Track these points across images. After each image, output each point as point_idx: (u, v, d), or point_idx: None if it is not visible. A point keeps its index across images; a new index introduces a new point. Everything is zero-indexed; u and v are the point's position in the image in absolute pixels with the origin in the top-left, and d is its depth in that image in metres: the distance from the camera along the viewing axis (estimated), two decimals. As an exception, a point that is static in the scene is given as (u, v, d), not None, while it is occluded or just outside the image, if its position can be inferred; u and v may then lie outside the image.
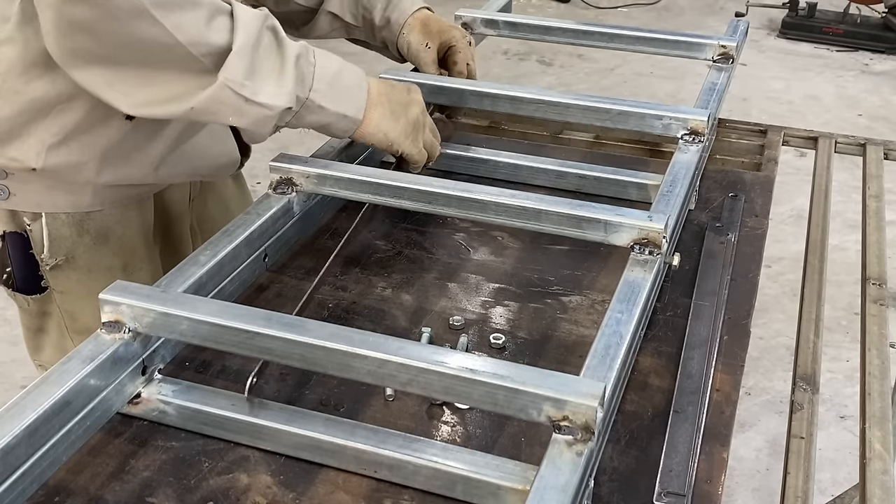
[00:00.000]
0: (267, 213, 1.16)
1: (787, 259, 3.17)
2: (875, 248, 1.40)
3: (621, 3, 6.01)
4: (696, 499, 0.90)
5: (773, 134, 1.68)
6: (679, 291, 1.20)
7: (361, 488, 0.90)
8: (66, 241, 1.27)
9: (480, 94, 1.42)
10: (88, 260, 1.29)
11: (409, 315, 1.16)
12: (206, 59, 1.04)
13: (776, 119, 3.68)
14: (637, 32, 1.65)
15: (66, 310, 1.33)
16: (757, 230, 1.36)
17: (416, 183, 1.18)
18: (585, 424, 0.82)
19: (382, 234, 1.33)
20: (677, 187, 1.21)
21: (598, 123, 1.40)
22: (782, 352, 2.83)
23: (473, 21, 1.73)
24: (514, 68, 4.99)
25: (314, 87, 1.13)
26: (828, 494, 2.25)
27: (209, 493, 0.89)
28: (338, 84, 1.16)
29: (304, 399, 1.01)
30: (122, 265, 1.32)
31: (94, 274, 1.30)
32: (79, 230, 1.27)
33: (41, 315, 1.35)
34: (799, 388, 1.14)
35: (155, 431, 0.96)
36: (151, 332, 0.95)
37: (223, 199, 1.53)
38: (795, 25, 5.37)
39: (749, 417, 2.61)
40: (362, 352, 0.87)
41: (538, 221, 1.13)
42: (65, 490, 0.89)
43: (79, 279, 1.30)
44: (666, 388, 1.04)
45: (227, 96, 1.05)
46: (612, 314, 0.99)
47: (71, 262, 1.28)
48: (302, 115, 1.14)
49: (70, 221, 1.26)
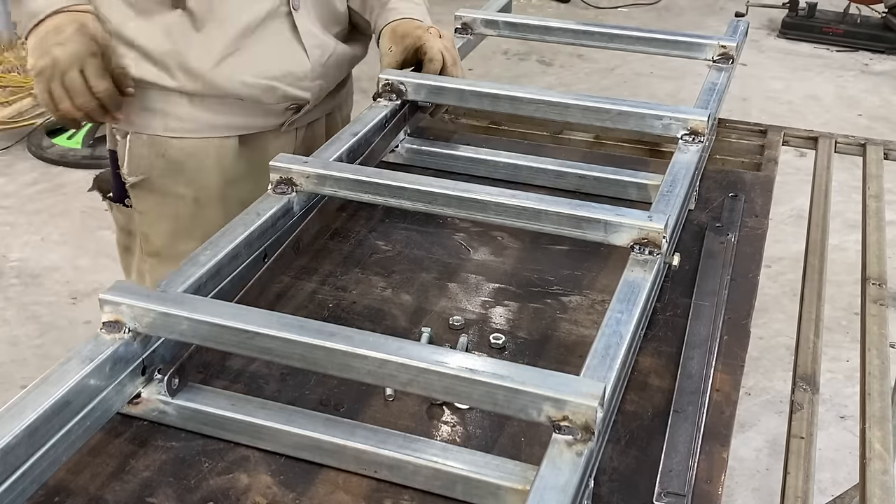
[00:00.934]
0: (267, 213, 1.16)
1: (787, 259, 3.17)
2: (875, 248, 1.40)
3: (621, 3, 6.01)
4: (696, 499, 0.90)
5: (773, 134, 1.68)
6: (679, 291, 1.20)
7: (361, 488, 0.90)
8: (144, 161, 1.43)
9: (480, 94, 1.42)
10: (162, 184, 1.44)
11: (409, 315, 1.16)
12: None
13: (776, 119, 3.67)
14: (637, 32, 1.65)
15: (143, 231, 1.49)
16: (757, 230, 1.36)
17: (416, 183, 1.18)
18: (585, 424, 0.82)
19: (382, 234, 1.33)
20: (677, 187, 1.21)
21: (598, 123, 1.40)
22: (782, 352, 2.83)
23: (473, 21, 1.73)
24: (514, 68, 4.99)
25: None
26: (828, 494, 2.25)
27: (209, 493, 0.89)
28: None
29: (304, 399, 1.01)
30: (194, 197, 1.46)
31: (168, 199, 1.45)
32: (155, 152, 1.42)
33: (128, 233, 1.54)
34: (799, 388, 1.14)
35: (155, 431, 0.96)
36: (151, 332, 0.95)
37: None
38: (795, 25, 5.37)
39: (749, 417, 2.60)
40: (362, 352, 0.87)
41: (538, 221, 1.13)
42: (65, 490, 0.89)
43: (155, 201, 1.46)
44: (666, 388, 1.04)
45: None
46: (612, 314, 0.99)
47: (147, 183, 1.44)
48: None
49: (149, 142, 1.42)
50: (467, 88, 1.42)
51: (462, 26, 1.74)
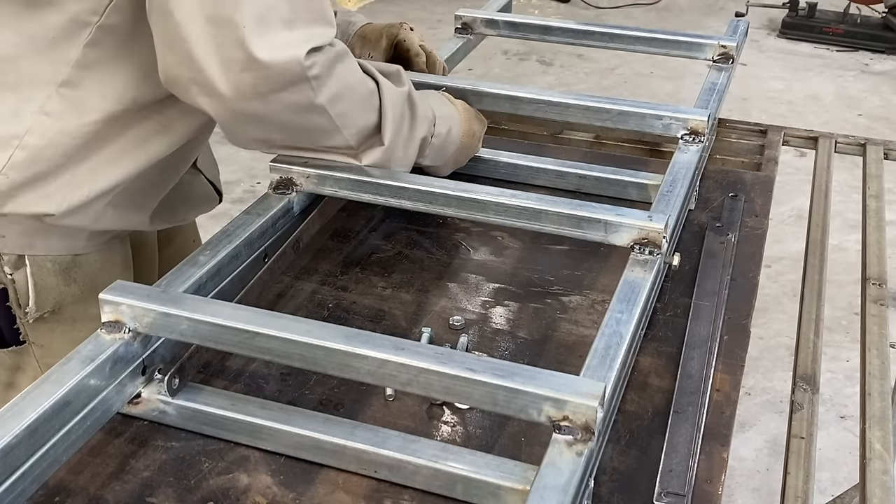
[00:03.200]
0: (267, 214, 1.16)
1: (787, 259, 3.17)
2: (875, 248, 1.40)
3: (621, 3, 6.01)
4: (696, 499, 0.90)
5: (773, 134, 1.68)
6: (679, 291, 1.20)
7: (361, 488, 0.90)
8: (53, 292, 1.18)
9: (480, 93, 1.42)
10: (75, 311, 1.20)
11: (409, 315, 1.16)
12: (352, 139, 1.15)
13: (776, 119, 3.68)
14: (637, 32, 1.65)
15: (45, 363, 1.21)
16: (757, 230, 1.36)
17: (416, 183, 1.18)
18: (585, 424, 0.82)
19: (382, 234, 1.33)
20: (677, 187, 1.21)
21: (598, 123, 1.40)
22: (782, 352, 2.83)
23: (473, 21, 1.73)
24: (514, 68, 4.99)
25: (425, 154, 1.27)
26: (828, 494, 2.25)
27: (209, 493, 0.89)
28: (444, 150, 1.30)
29: (304, 399, 1.01)
30: None
31: (80, 325, 1.20)
32: (66, 279, 1.18)
33: (13, 370, 1.23)
34: (799, 388, 1.14)
35: (155, 431, 0.96)
36: (151, 332, 0.95)
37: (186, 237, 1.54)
38: (795, 25, 5.37)
39: (749, 417, 2.60)
40: (362, 352, 0.87)
41: (538, 221, 1.13)
42: (65, 490, 0.89)
43: (63, 331, 1.21)
44: (666, 388, 1.04)
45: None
46: (612, 314, 0.99)
47: (56, 314, 1.19)
48: None
49: (56, 270, 1.17)
50: (467, 88, 1.42)
51: (462, 26, 1.74)
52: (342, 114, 1.10)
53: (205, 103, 1.03)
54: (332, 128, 1.11)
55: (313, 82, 1.02)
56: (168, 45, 1.01)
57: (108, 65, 1.08)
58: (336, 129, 1.11)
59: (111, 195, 1.15)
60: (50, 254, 1.16)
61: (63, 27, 1.05)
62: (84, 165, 1.11)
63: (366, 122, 1.15)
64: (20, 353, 1.21)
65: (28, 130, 1.07)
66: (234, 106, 1.02)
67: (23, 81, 1.07)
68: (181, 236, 1.52)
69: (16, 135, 1.07)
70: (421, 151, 1.24)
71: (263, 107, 1.02)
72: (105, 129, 1.10)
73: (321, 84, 1.03)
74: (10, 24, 1.05)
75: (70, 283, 1.19)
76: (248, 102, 1.01)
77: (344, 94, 1.08)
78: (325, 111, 1.07)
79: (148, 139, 1.14)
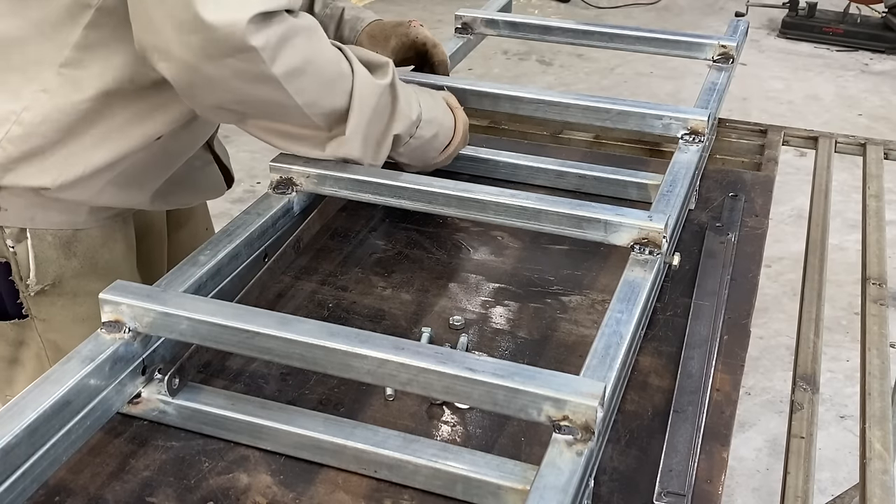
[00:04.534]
0: (267, 214, 1.16)
1: (787, 259, 3.17)
2: (875, 248, 1.40)
3: (621, 3, 6.01)
4: (696, 499, 0.90)
5: (773, 134, 1.68)
6: (679, 291, 1.20)
7: (361, 488, 0.90)
8: (54, 265, 1.20)
9: (480, 93, 1.42)
10: (76, 285, 1.22)
11: (409, 315, 1.16)
12: (318, 119, 1.12)
13: (776, 119, 3.68)
14: (637, 32, 1.65)
15: (48, 339, 1.24)
16: (757, 230, 1.36)
17: (416, 183, 1.18)
18: (585, 424, 0.82)
19: (382, 234, 1.33)
20: (677, 187, 1.21)
21: (598, 123, 1.40)
22: (782, 352, 2.83)
23: (473, 21, 1.73)
24: (514, 68, 4.99)
25: (400, 152, 1.25)
26: (828, 494, 2.25)
27: (209, 492, 0.89)
28: (424, 153, 1.29)
29: (304, 399, 1.01)
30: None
31: (80, 299, 1.23)
32: (66, 253, 1.20)
33: (17, 345, 1.25)
34: (799, 388, 1.14)
35: (155, 431, 0.96)
36: (151, 331, 0.95)
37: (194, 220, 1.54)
38: (795, 25, 5.37)
39: (749, 417, 2.61)
40: (362, 352, 0.87)
41: (538, 221, 1.13)
42: (65, 490, 0.89)
43: (64, 305, 1.23)
44: (666, 388, 1.04)
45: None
46: (612, 314, 0.99)
47: (57, 287, 1.21)
48: None
49: (57, 243, 1.19)
50: (467, 88, 1.42)
51: (462, 26, 1.74)
52: (301, 90, 1.06)
53: (163, 68, 1.03)
54: (291, 104, 1.06)
55: (262, 52, 0.99)
56: (135, 14, 1.03)
57: (107, 45, 1.10)
58: (296, 106, 1.07)
59: (111, 172, 1.17)
60: (50, 227, 1.18)
61: (65, 10, 1.08)
62: (80, 141, 1.13)
63: (332, 104, 1.11)
64: (23, 328, 1.24)
65: (25, 107, 1.10)
66: (187, 69, 1.01)
67: (28, 63, 1.10)
68: (192, 221, 1.53)
69: (13, 111, 1.10)
70: (395, 148, 1.22)
71: (215, 71, 1.00)
72: (101, 106, 1.12)
73: (274, 54, 1.00)
74: (17, 10, 1.09)
75: (70, 256, 1.21)
76: (200, 66, 1.00)
77: (305, 69, 1.04)
78: (279, 84, 1.03)
79: (144, 118, 1.16)
